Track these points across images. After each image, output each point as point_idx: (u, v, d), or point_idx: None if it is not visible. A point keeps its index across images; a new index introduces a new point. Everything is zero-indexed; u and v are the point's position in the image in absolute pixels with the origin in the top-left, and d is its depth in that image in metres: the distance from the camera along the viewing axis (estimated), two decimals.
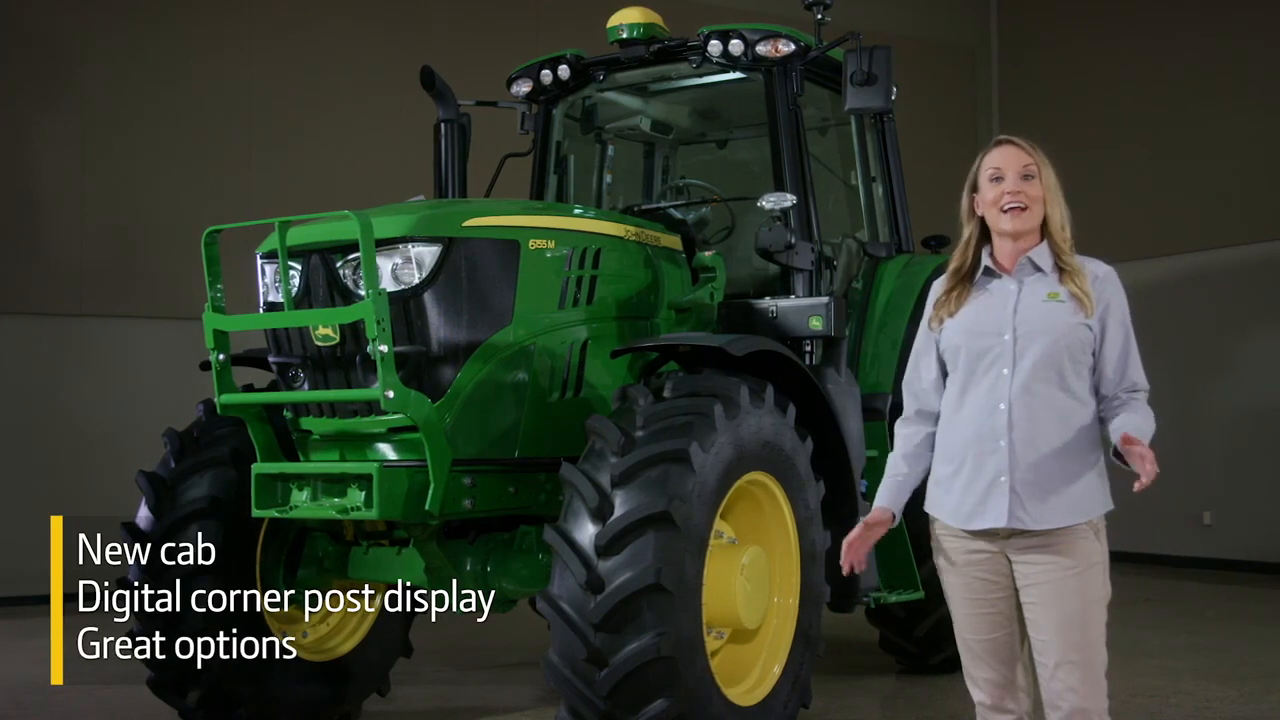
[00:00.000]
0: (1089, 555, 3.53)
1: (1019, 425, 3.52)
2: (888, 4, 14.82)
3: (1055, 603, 3.51)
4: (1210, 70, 13.37)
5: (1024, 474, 3.50)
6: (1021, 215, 3.59)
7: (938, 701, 7.04)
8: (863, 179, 7.76)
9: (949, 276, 3.74)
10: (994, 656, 3.63)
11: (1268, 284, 12.42)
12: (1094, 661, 3.51)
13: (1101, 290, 3.59)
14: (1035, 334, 3.55)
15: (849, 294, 7.36)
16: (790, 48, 6.85)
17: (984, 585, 3.63)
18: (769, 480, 5.50)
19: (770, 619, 5.59)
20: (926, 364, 3.77)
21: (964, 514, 3.58)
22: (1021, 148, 3.66)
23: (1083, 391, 3.57)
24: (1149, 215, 13.77)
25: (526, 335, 5.68)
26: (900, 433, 3.85)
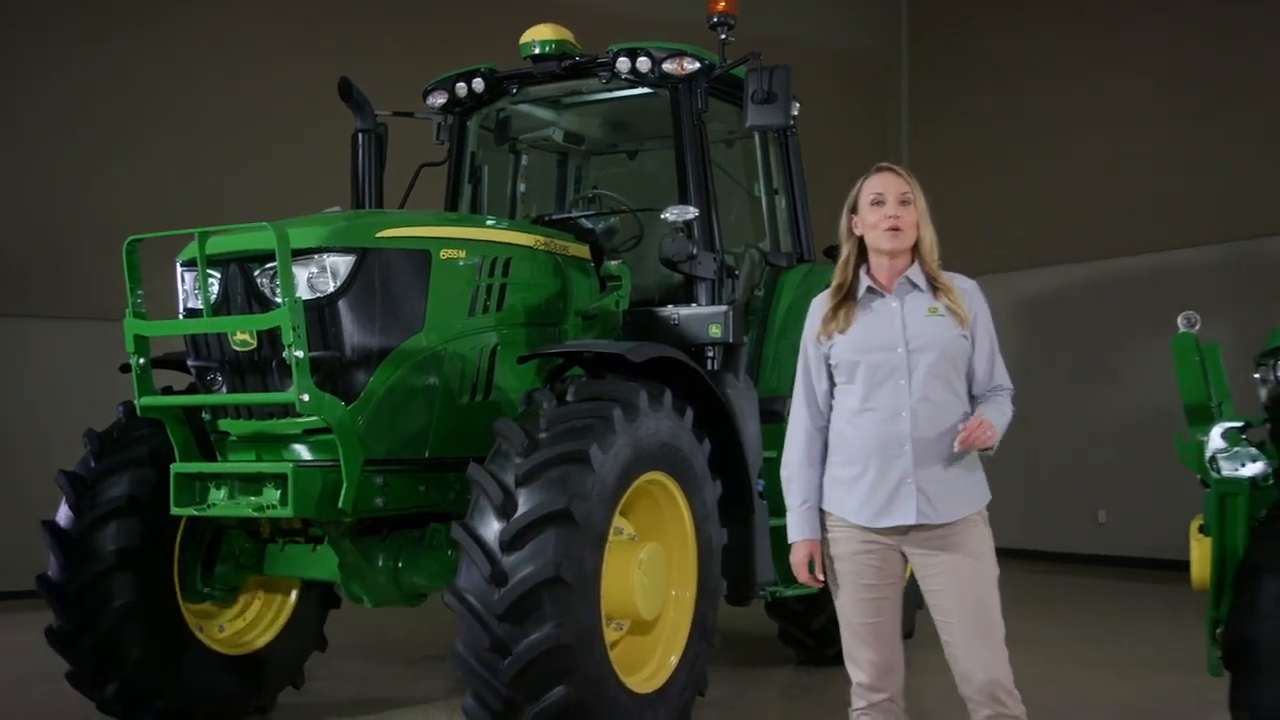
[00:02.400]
0: (981, 542, 3.94)
1: (919, 430, 3.88)
2: (802, 15, 15.13)
3: (958, 589, 3.89)
4: (1106, 89, 13.85)
5: (926, 474, 3.87)
6: (900, 235, 3.96)
7: (831, 690, 7.33)
8: (765, 191, 8.09)
9: (833, 294, 4.08)
10: (877, 639, 3.96)
11: (1156, 293, 12.89)
12: (996, 636, 3.90)
13: (971, 303, 3.99)
14: (925, 347, 3.92)
15: (751, 302, 7.69)
16: (695, 66, 7.14)
17: (875, 574, 3.96)
18: (667, 480, 5.79)
19: (668, 611, 5.88)
20: (819, 377, 4.08)
21: (871, 513, 3.90)
22: (900, 175, 4.03)
23: (964, 394, 3.97)
24: (1050, 225, 14.22)
25: (437, 341, 5.94)
26: (799, 449, 4.10)
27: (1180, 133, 13.12)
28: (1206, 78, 12.97)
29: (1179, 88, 13.20)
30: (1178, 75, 13.21)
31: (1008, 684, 3.87)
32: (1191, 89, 13.09)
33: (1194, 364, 4.78)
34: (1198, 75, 13.05)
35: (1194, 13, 13.14)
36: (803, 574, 4.04)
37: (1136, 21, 13.67)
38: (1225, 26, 12.85)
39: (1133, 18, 13.71)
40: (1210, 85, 12.94)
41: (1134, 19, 13.70)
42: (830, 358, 4.03)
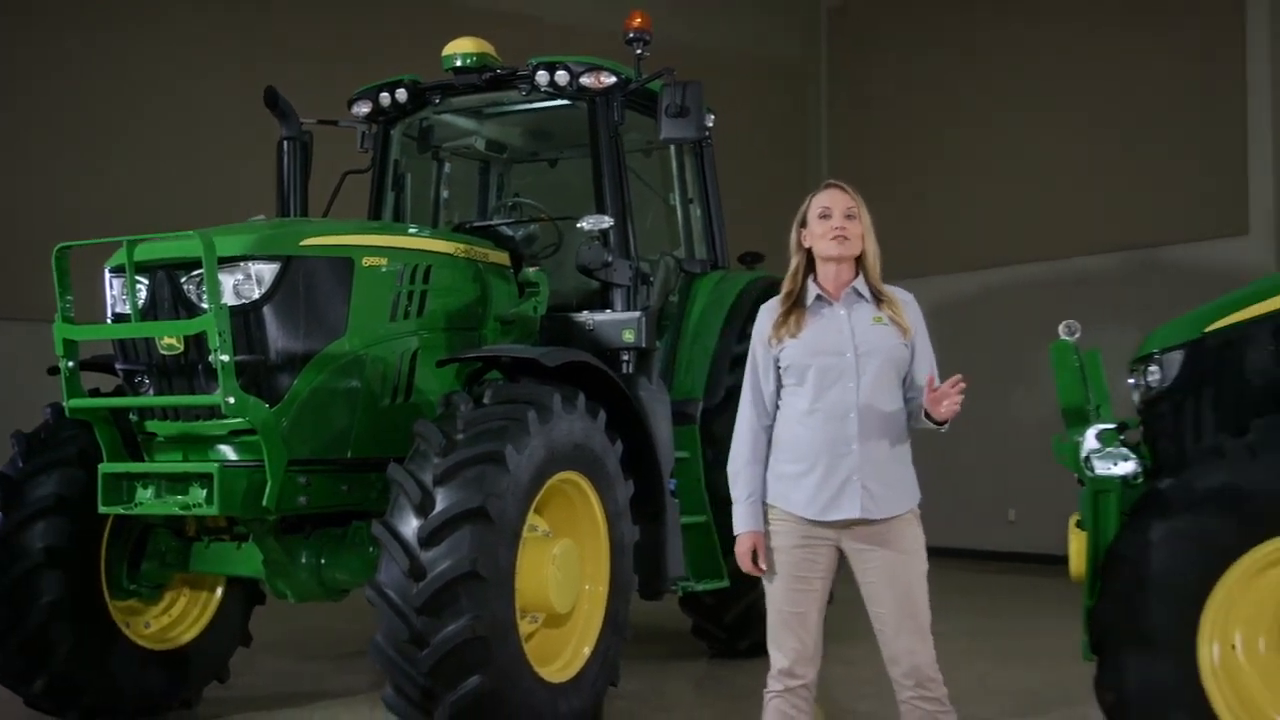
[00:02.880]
0: (915, 537, 4.23)
1: (865, 431, 4.15)
2: (723, 24, 15.44)
3: (891, 581, 4.17)
4: (1016, 102, 14.29)
5: (870, 472, 4.14)
6: (846, 244, 4.24)
7: (742, 681, 7.62)
8: (680, 200, 8.38)
9: (783, 300, 4.35)
10: (802, 628, 4.22)
11: (1063, 298, 13.31)
12: (924, 624, 4.19)
13: (911, 315, 4.31)
14: (871, 353, 4.20)
15: (666, 307, 7.97)
16: (611, 80, 7.40)
17: (810, 565, 4.22)
18: (580, 479, 6.05)
19: (581, 605, 6.14)
20: (766, 379, 4.30)
21: (818, 507, 4.15)
22: (846, 191, 4.32)
23: (900, 399, 4.27)
24: (964, 232, 14.65)
25: (359, 345, 6.16)
26: (746, 445, 4.32)
27: (1086, 145, 13.58)
28: (1109, 93, 13.44)
29: (1084, 103, 13.67)
30: (1083, 91, 13.67)
31: (932, 671, 4.19)
32: (1094, 104, 13.57)
33: (1072, 369, 5.09)
34: (1100, 91, 13.51)
35: (1097, 32, 13.61)
36: (745, 563, 4.31)
37: (1044, 38, 14.12)
38: (1127, 45, 13.33)
39: (1041, 34, 14.15)
40: (1112, 100, 13.42)
41: (1042, 36, 14.14)
42: (780, 361, 4.26)
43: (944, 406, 4.08)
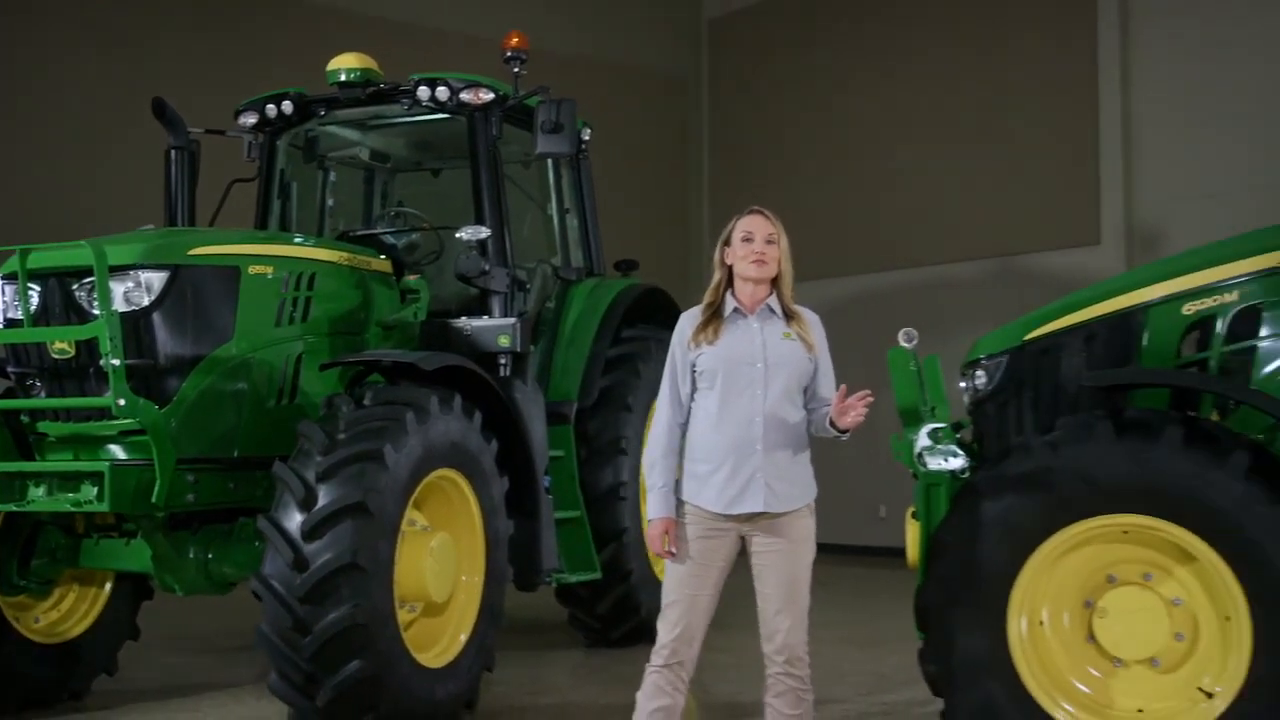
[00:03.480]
0: (806, 530, 4.64)
1: (768, 435, 4.56)
2: (605, 35, 15.81)
3: (779, 568, 4.59)
4: (893, 112, 14.89)
5: (772, 471, 4.55)
6: (764, 267, 4.67)
7: (616, 669, 8.03)
8: (557, 210, 8.78)
9: (703, 310, 4.75)
10: (693, 610, 4.60)
11: (937, 301, 13.94)
12: (803, 608, 4.61)
13: (815, 333, 4.77)
14: (779, 365, 4.61)
15: (543, 313, 8.36)
16: (490, 96, 7.77)
17: (711, 555, 4.61)
18: (457, 476, 6.41)
19: (458, 595, 6.50)
20: (683, 380, 4.69)
21: (725, 501, 4.55)
22: (768, 218, 4.74)
23: (802, 407, 4.72)
24: (841, 238, 15.17)
25: (246, 350, 6.48)
26: (660, 440, 4.70)
27: (954, 157, 14.21)
28: (975, 110, 14.10)
29: (952, 118, 14.30)
30: (950, 107, 14.32)
31: (801, 652, 4.63)
32: (962, 120, 14.20)
33: (907, 373, 5.53)
34: (967, 107, 14.16)
35: (964, 50, 14.26)
36: (657, 545, 4.65)
37: (916, 54, 14.73)
38: (992, 64, 13.98)
39: (912, 50, 14.76)
40: (978, 117, 14.08)
41: (913, 51, 14.75)
42: (696, 365, 4.65)
43: (849, 417, 4.55)
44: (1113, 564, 4.80)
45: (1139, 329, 5.31)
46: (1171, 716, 4.65)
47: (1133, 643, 4.75)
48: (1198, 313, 5.24)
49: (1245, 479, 4.46)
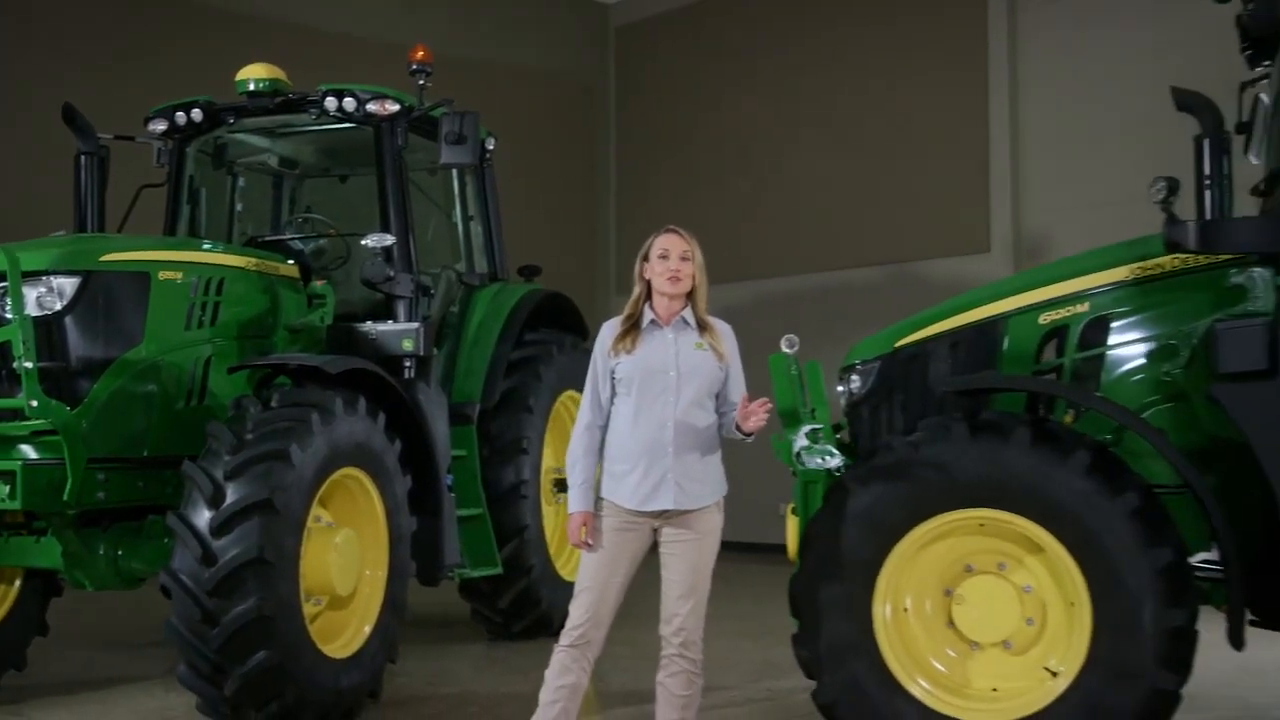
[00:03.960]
0: (714, 524, 5.02)
1: (679, 438, 4.92)
2: (514, 41, 16.05)
3: (684, 557, 4.96)
4: (794, 120, 15.32)
5: (682, 471, 4.92)
6: (679, 283, 5.04)
7: (517, 660, 8.33)
8: (462, 217, 9.07)
9: (623, 321, 5.11)
10: (604, 597, 4.96)
11: (836, 305, 14.38)
12: (702, 596, 4.97)
13: (728, 343, 5.14)
14: (691, 373, 4.98)
15: (447, 317, 8.64)
16: (395, 108, 8.04)
17: (626, 546, 4.97)
18: (361, 474, 6.67)
19: (362, 588, 6.76)
20: (604, 385, 5.05)
21: (639, 498, 4.92)
22: (683, 237, 5.09)
23: (713, 410, 5.08)
24: (745, 243, 15.56)
25: (156, 353, 6.70)
26: (582, 440, 5.08)
27: (854, 166, 14.67)
28: (873, 122, 14.58)
29: (852, 129, 14.77)
30: (851, 119, 14.78)
31: (696, 637, 4.97)
32: (861, 130, 14.67)
33: (787, 377, 5.88)
34: (865, 119, 14.63)
35: (863, 61, 14.73)
36: (574, 537, 5.02)
37: (818, 66, 15.16)
38: (891, 76, 14.46)
39: (817, 61, 15.19)
40: (877, 128, 14.55)
41: (818, 62, 15.18)
42: (615, 372, 5.01)
43: (751, 422, 4.93)
44: (970, 555, 5.20)
45: (1000, 337, 5.71)
46: (1021, 694, 5.06)
47: (988, 627, 5.16)
48: (1053, 322, 5.64)
49: (1085, 476, 4.87)
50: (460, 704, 7.10)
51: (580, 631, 4.98)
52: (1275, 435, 4.74)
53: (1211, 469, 5.23)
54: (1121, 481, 4.89)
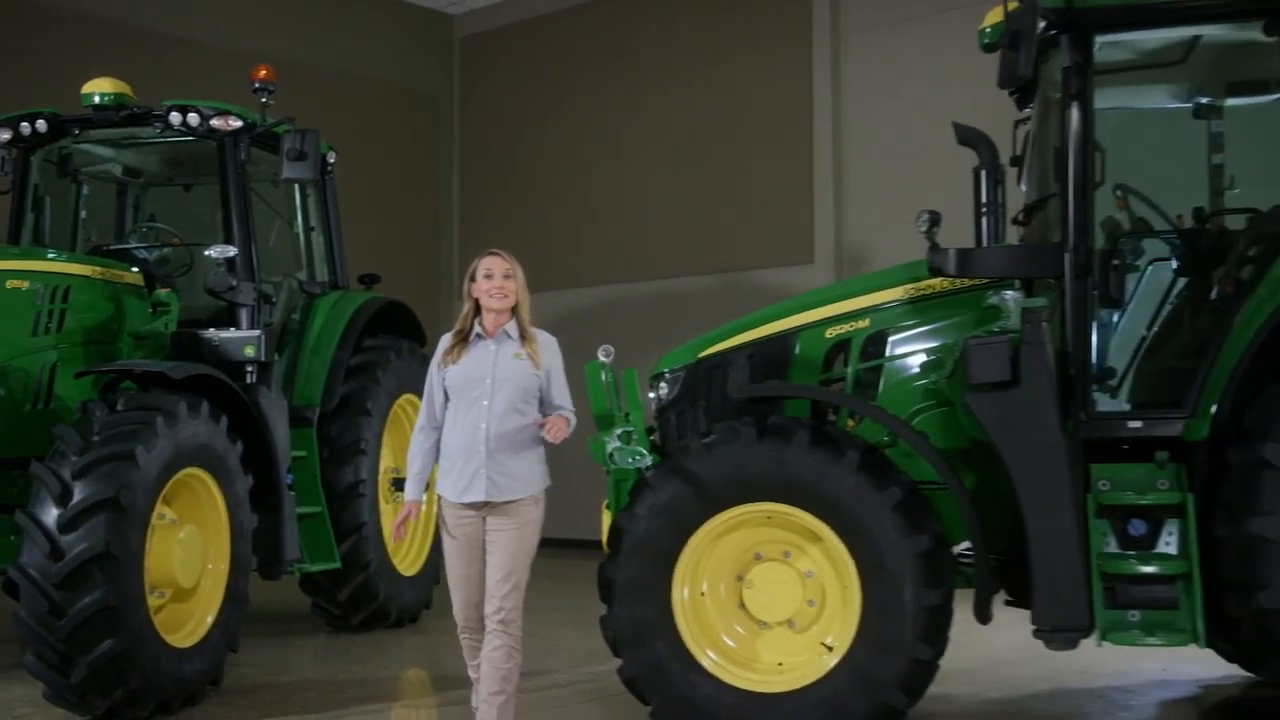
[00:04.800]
0: (531, 516, 5.50)
1: (491, 438, 5.41)
2: (358, 51, 16.30)
3: (502, 545, 5.44)
4: (630, 132, 15.90)
5: (494, 467, 5.41)
6: (503, 300, 5.56)
7: (353, 650, 8.78)
8: (303, 228, 9.47)
9: (454, 335, 5.60)
10: (467, 584, 5.53)
11: (669, 312, 14.98)
12: (519, 580, 5.45)
13: (546, 352, 5.65)
14: (505, 380, 5.47)
15: (288, 324, 9.03)
16: (238, 124, 8.40)
17: (467, 536, 5.49)
18: (204, 474, 7.05)
19: (204, 581, 7.14)
20: (438, 393, 5.56)
21: (458, 491, 5.45)
22: (504, 258, 5.59)
23: (532, 413, 5.58)
24: (583, 251, 16.10)
25: (3, 358, 7.02)
26: (419, 440, 5.63)
27: (688, 178, 15.30)
28: (705, 134, 15.22)
29: (685, 142, 15.39)
30: (688, 130, 15.39)
31: (515, 615, 5.45)
32: (694, 143, 15.30)
33: (603, 384, 6.44)
34: (704, 132, 15.26)
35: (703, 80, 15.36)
36: (399, 518, 5.65)
37: (657, 82, 15.75)
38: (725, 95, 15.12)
39: (654, 78, 15.78)
40: (708, 141, 15.19)
41: (655, 79, 15.77)
42: (445, 381, 5.54)
43: (548, 434, 5.48)
44: (759, 544, 5.84)
45: (791, 349, 6.37)
46: (802, 667, 5.71)
47: (774, 608, 5.81)
48: (837, 336, 6.33)
49: (855, 473, 5.54)
50: (299, 690, 7.51)
51: (465, 616, 5.60)
52: (1017, 439, 5.45)
53: (972, 468, 5.96)
54: (887, 478, 5.57)
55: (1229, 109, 6.74)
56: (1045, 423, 5.40)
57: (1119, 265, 5.88)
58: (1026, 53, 5.44)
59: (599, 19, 16.41)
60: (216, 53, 14.13)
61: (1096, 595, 5.47)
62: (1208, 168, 6.75)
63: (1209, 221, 6.38)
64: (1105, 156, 6.09)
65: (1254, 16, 5.76)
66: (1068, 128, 5.78)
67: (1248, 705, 7.03)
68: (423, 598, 9.86)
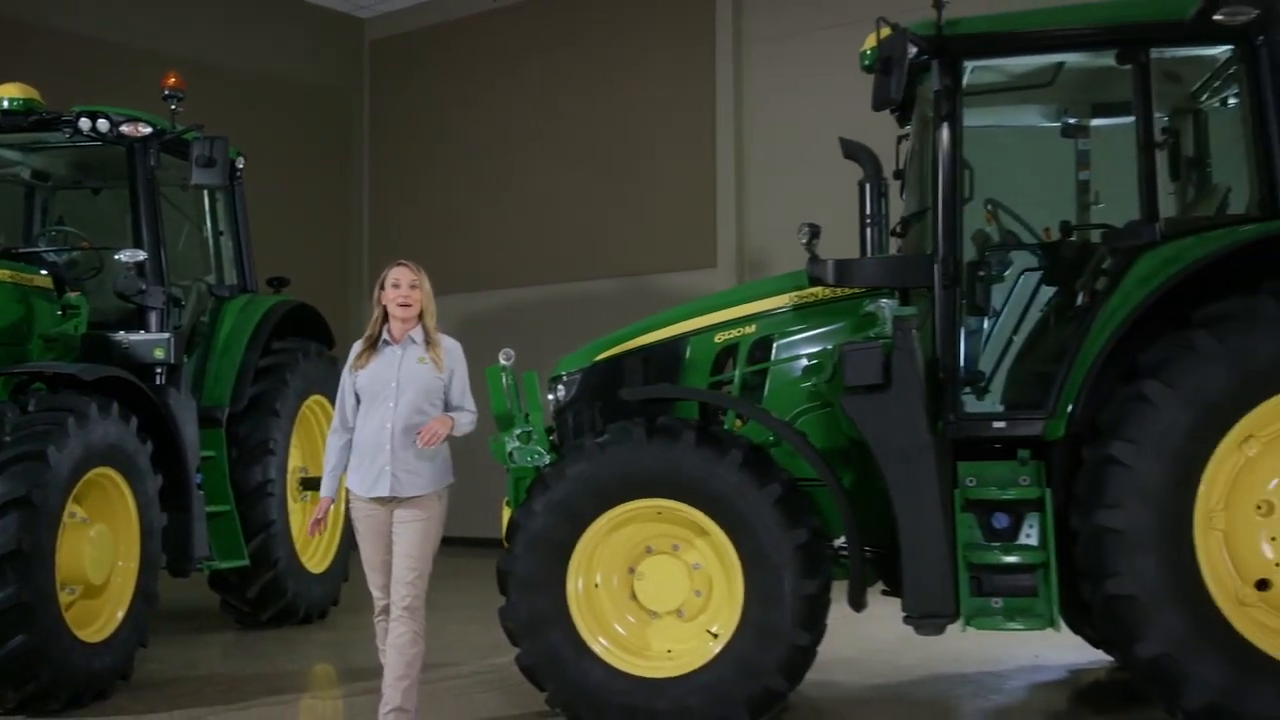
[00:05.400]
0: (434, 510, 5.89)
1: (395, 437, 5.80)
2: (271, 53, 16.39)
3: (407, 537, 5.83)
4: (536, 137, 16.18)
5: (398, 464, 5.79)
6: (408, 309, 5.92)
7: (262, 646, 8.99)
8: (212, 232, 9.64)
9: (364, 341, 5.98)
10: (383, 571, 5.92)
11: (573, 315, 15.28)
12: (423, 570, 5.85)
13: (449, 356, 6.02)
14: (408, 383, 5.86)
15: (197, 327, 9.22)
16: (148, 130, 8.58)
17: (376, 528, 5.89)
18: (114, 474, 7.23)
19: (115, 579, 7.32)
20: (349, 396, 5.96)
21: (365, 486, 5.86)
22: (411, 269, 5.98)
23: (436, 414, 5.92)
24: (489, 253, 16.35)
25: None
26: (332, 440, 6.01)
27: (594, 184, 15.61)
28: (617, 141, 15.53)
29: (591, 148, 15.70)
30: (596, 136, 15.70)
31: (419, 604, 5.85)
32: (600, 149, 15.63)
33: (503, 386, 6.74)
34: (611, 139, 15.58)
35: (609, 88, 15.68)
36: (314, 515, 6.08)
37: (565, 89, 16.03)
38: (631, 103, 15.45)
39: (562, 86, 16.05)
40: (614, 148, 15.52)
41: (563, 88, 16.04)
42: (356, 385, 5.94)
43: (419, 441, 5.81)
44: (650, 538, 6.17)
45: (682, 353, 6.72)
46: (690, 654, 6.05)
47: (664, 599, 6.14)
48: (726, 341, 6.69)
49: (739, 470, 5.89)
50: (208, 684, 7.72)
51: (381, 600, 5.98)
52: (888, 438, 5.83)
53: (850, 466, 6.34)
54: (768, 476, 5.93)
55: (1095, 128, 7.21)
56: (914, 424, 5.78)
57: (985, 276, 6.30)
58: (897, 78, 5.83)
59: (507, 24, 16.67)
60: (127, 55, 14.19)
61: (963, 584, 5.87)
62: (1075, 183, 7.22)
63: (1072, 235, 6.82)
64: (975, 173, 6.50)
65: (1107, 46, 6.19)
66: (938, 146, 6.17)
67: (1114, 689, 7.48)
68: (330, 594, 10.08)
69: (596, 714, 6.03)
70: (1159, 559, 5.54)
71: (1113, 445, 5.60)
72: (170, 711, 6.94)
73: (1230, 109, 6.46)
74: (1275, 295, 5.55)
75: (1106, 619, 5.70)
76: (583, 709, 6.06)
